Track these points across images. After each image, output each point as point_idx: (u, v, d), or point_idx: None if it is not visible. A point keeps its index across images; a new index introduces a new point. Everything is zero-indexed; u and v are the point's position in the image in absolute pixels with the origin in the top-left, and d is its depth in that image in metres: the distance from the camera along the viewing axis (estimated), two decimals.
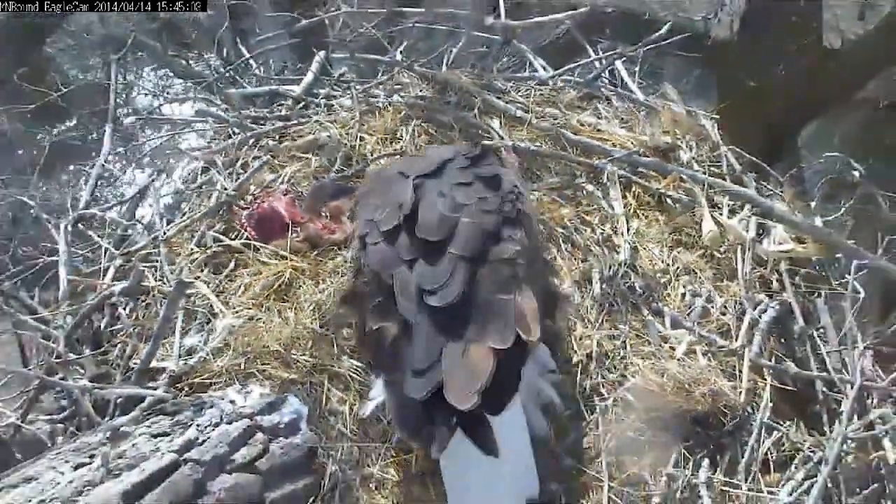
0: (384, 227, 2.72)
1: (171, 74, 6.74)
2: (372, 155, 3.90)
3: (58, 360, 3.11)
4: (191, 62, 6.51)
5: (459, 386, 2.37)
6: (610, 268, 3.44)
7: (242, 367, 3.06)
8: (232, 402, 2.82)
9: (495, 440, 2.40)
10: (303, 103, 4.39)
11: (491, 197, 2.77)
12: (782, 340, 3.43)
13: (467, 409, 2.34)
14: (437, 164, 2.87)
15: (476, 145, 3.12)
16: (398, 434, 2.78)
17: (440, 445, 2.40)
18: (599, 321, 3.30)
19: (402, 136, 4.00)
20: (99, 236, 3.81)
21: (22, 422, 3.07)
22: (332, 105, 4.32)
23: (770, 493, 2.93)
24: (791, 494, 2.92)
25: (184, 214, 3.87)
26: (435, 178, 2.82)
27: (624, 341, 3.27)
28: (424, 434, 2.44)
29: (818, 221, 3.63)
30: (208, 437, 2.64)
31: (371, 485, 2.87)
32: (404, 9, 5.14)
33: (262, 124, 4.21)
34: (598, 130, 4.10)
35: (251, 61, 4.98)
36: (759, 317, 3.36)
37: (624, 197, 3.75)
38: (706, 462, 2.96)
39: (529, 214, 2.89)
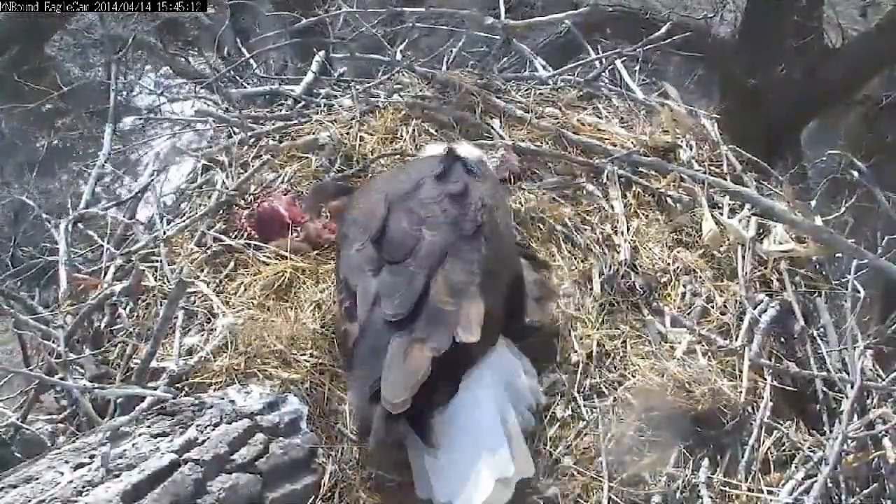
0: (357, 241, 2.92)
1: (172, 74, 6.74)
2: (372, 155, 3.90)
3: (58, 360, 3.10)
4: (191, 61, 6.52)
5: (393, 386, 2.54)
6: (610, 267, 3.44)
7: (242, 367, 3.06)
8: (232, 402, 2.82)
9: (433, 433, 2.58)
10: (303, 103, 4.39)
11: (454, 212, 2.91)
12: (782, 340, 3.42)
13: (397, 409, 2.51)
14: (414, 182, 3.03)
15: (448, 156, 3.19)
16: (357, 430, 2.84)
17: (375, 437, 2.59)
18: (599, 321, 3.30)
19: (402, 135, 3.99)
20: (99, 236, 3.81)
21: (22, 422, 3.07)
22: (332, 105, 4.32)
23: (770, 492, 2.92)
24: (791, 494, 2.91)
25: (184, 214, 3.87)
26: (408, 196, 2.98)
27: (624, 341, 3.26)
28: (374, 430, 2.60)
29: (818, 221, 3.62)
30: (208, 437, 2.64)
31: (371, 485, 2.87)
32: (404, 9, 5.15)
33: (262, 124, 4.20)
34: (599, 130, 4.09)
35: (251, 61, 4.97)
36: (759, 316, 3.35)
37: (624, 196, 3.75)
38: (706, 462, 2.96)
39: (497, 224, 3.03)
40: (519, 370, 2.97)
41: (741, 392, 3.09)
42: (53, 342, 3.25)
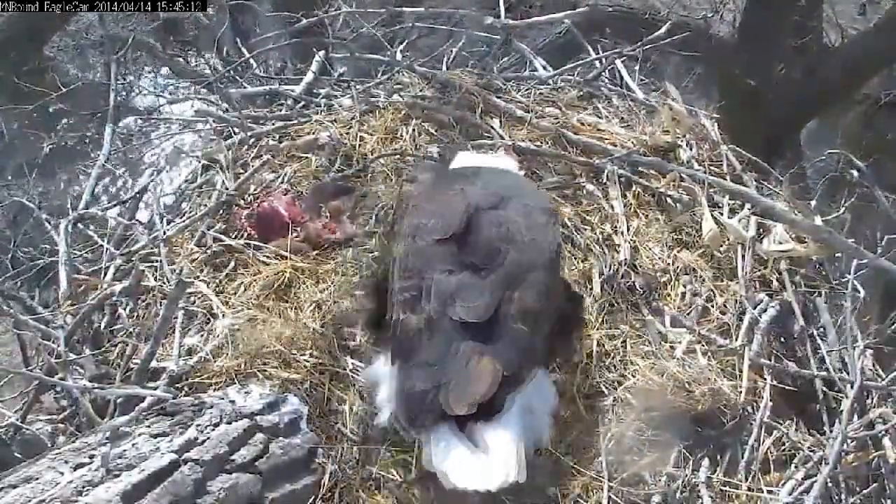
0: (435, 235, 2.92)
1: (172, 74, 6.74)
2: (372, 155, 3.90)
3: (58, 360, 3.10)
4: (191, 62, 6.51)
5: (460, 393, 2.61)
6: (610, 267, 3.44)
7: (242, 367, 3.06)
8: (232, 402, 2.82)
9: (484, 440, 2.61)
10: (303, 103, 4.40)
11: (538, 238, 2.98)
12: (782, 340, 3.43)
13: (458, 413, 2.59)
14: (498, 195, 3.06)
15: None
16: (395, 420, 2.82)
17: (424, 429, 2.66)
18: (599, 321, 3.30)
19: (402, 135, 3.99)
20: (99, 236, 3.81)
21: (22, 422, 3.07)
22: (332, 105, 4.32)
23: (770, 492, 2.93)
24: (791, 494, 2.91)
25: (184, 214, 3.87)
26: (495, 207, 3.02)
27: (624, 341, 3.27)
28: (415, 421, 2.68)
29: (818, 220, 3.62)
30: (208, 437, 2.63)
31: (371, 485, 2.87)
32: (404, 9, 5.15)
33: (262, 124, 4.21)
34: (599, 130, 4.10)
35: (251, 61, 4.97)
36: (759, 316, 3.36)
37: (624, 196, 3.76)
38: (706, 462, 2.97)
39: (561, 260, 3.18)
40: (549, 397, 2.97)
41: (741, 392, 3.10)
42: (53, 342, 3.24)
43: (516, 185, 3.31)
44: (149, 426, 2.65)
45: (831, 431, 3.11)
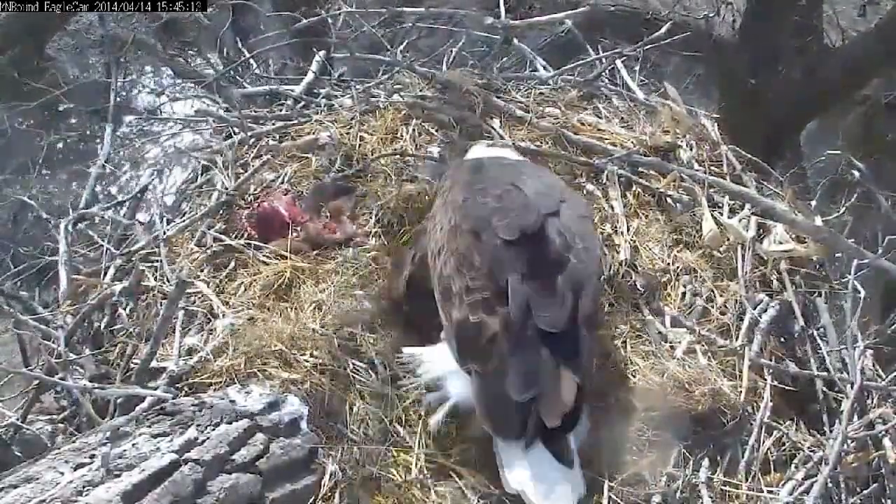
0: (506, 235, 2.90)
1: (172, 74, 6.74)
2: (372, 155, 3.90)
3: (58, 360, 3.10)
4: (191, 61, 6.52)
5: (552, 403, 2.69)
6: (610, 267, 3.44)
7: (242, 367, 3.05)
8: (232, 402, 2.82)
9: (571, 453, 2.72)
10: (303, 103, 4.39)
11: (589, 246, 3.04)
12: (782, 340, 3.42)
13: (553, 426, 2.66)
14: (556, 203, 3.08)
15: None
16: (483, 422, 2.83)
17: (528, 445, 2.69)
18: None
19: (402, 135, 3.99)
20: (99, 236, 3.81)
21: (22, 422, 3.07)
22: (333, 105, 4.32)
23: (770, 492, 2.93)
24: (791, 494, 2.91)
25: (184, 214, 3.87)
26: (554, 215, 3.03)
27: (624, 341, 3.27)
28: (513, 429, 2.72)
29: (818, 221, 3.62)
30: (208, 437, 2.64)
31: (371, 485, 2.87)
32: (404, 9, 5.15)
33: (262, 124, 4.20)
34: (599, 130, 4.10)
35: (251, 61, 4.97)
36: (760, 316, 3.36)
37: (624, 196, 3.76)
38: (706, 462, 2.97)
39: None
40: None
41: (741, 392, 3.10)
42: (53, 342, 3.25)
43: (556, 185, 3.32)
44: (149, 426, 2.66)
45: (831, 432, 3.11)
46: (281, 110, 4.40)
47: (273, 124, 4.19)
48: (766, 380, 3.18)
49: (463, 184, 3.19)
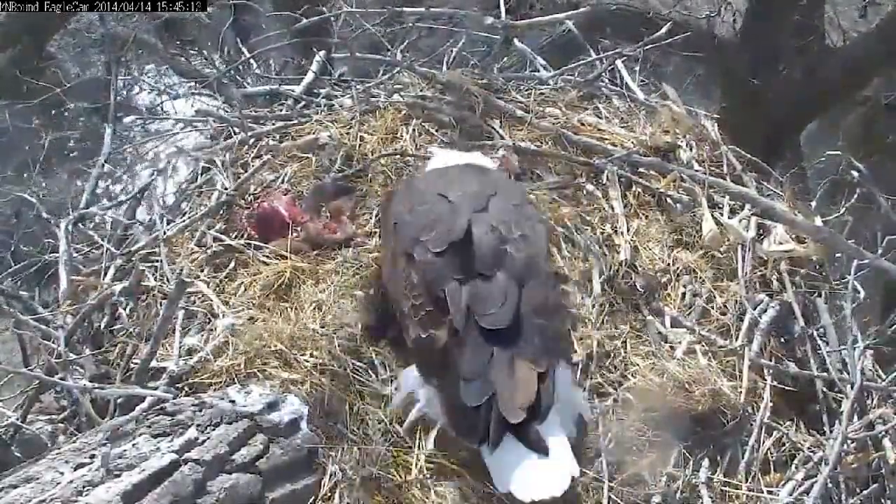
0: (435, 248, 2.94)
1: (172, 73, 6.74)
2: (372, 155, 3.90)
3: (58, 360, 3.11)
4: (192, 61, 6.52)
5: (510, 399, 2.66)
6: (610, 267, 3.44)
7: (242, 367, 3.05)
8: (232, 402, 2.82)
9: (544, 441, 2.67)
10: (303, 103, 4.40)
11: (526, 230, 3.04)
12: (782, 340, 3.43)
13: (517, 420, 2.64)
14: (485, 199, 3.10)
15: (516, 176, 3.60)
16: (452, 432, 2.85)
17: (493, 445, 2.66)
18: (599, 321, 3.30)
19: (402, 135, 3.99)
20: (99, 236, 3.81)
21: (22, 422, 3.08)
22: (333, 105, 4.32)
23: (770, 492, 2.93)
24: (791, 494, 2.92)
25: (184, 214, 3.87)
26: (483, 210, 3.06)
27: (624, 341, 3.27)
28: (477, 434, 2.69)
29: (819, 221, 3.62)
30: (208, 437, 2.64)
31: (371, 485, 2.87)
32: (404, 8, 5.14)
33: (262, 124, 4.20)
34: (599, 130, 4.10)
35: (252, 60, 4.97)
36: (760, 316, 3.36)
37: (624, 196, 3.75)
38: (706, 462, 2.97)
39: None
40: (572, 384, 3.01)
41: (741, 392, 3.10)
42: (53, 342, 3.25)
43: (490, 182, 3.31)
44: (149, 426, 2.65)
45: (831, 432, 3.12)
46: (281, 110, 4.40)
47: (273, 124, 4.19)
48: (766, 380, 3.18)
49: (395, 208, 3.25)
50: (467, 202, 3.07)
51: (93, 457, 2.49)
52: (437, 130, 4.02)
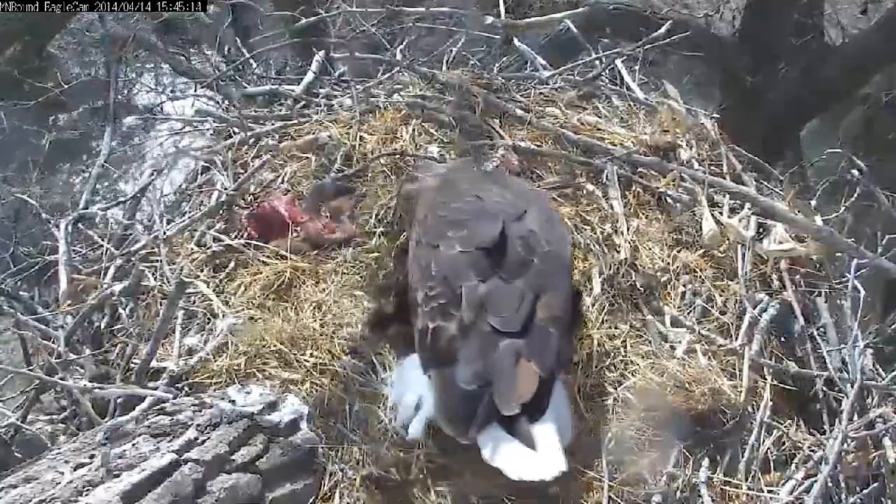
0: (462, 246, 2.95)
1: (172, 73, 6.74)
2: (372, 155, 3.90)
3: (58, 360, 3.11)
4: (191, 61, 6.51)
5: (506, 392, 2.67)
6: (610, 267, 3.44)
7: (242, 367, 3.06)
8: (232, 402, 2.82)
9: (532, 437, 2.66)
10: (303, 103, 4.39)
11: (554, 247, 3.05)
12: (782, 340, 3.43)
13: (510, 413, 2.65)
14: (520, 209, 3.12)
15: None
16: (439, 422, 2.84)
17: (478, 428, 2.68)
18: (599, 321, 3.30)
19: (402, 135, 3.99)
20: (99, 236, 3.81)
21: (22, 422, 3.08)
22: (333, 105, 4.32)
23: (770, 492, 2.93)
24: (791, 493, 2.92)
25: (184, 214, 3.87)
26: (518, 220, 3.07)
27: (624, 341, 3.27)
28: (466, 421, 2.70)
29: (819, 220, 3.62)
30: (208, 437, 2.64)
31: (371, 485, 2.87)
32: (404, 8, 5.14)
33: (262, 124, 4.20)
34: (599, 129, 4.10)
35: (252, 60, 4.97)
36: (760, 316, 3.36)
37: (624, 196, 3.75)
38: (706, 461, 2.97)
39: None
40: (564, 397, 2.99)
41: (741, 392, 3.10)
42: (53, 342, 3.25)
43: (523, 192, 3.34)
44: (149, 426, 2.66)
45: (831, 431, 3.11)
46: (281, 110, 4.40)
47: (273, 124, 4.18)
48: (766, 379, 3.18)
49: (429, 200, 3.25)
50: (503, 209, 3.08)
51: (93, 457, 2.49)
52: (436, 130, 4.02)
